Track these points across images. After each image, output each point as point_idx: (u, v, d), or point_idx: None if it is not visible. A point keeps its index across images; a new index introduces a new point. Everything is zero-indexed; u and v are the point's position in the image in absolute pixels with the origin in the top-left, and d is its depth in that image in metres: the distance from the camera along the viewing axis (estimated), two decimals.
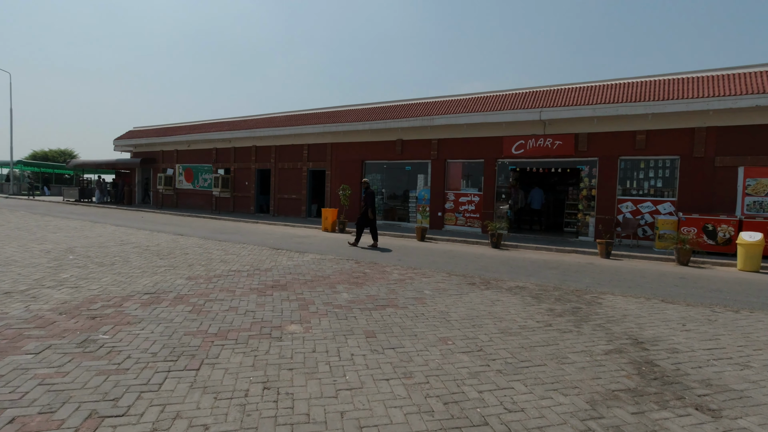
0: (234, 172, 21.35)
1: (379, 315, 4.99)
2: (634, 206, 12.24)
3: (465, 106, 14.66)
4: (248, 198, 20.85)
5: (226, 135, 20.66)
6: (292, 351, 3.80)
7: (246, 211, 20.86)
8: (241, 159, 21.01)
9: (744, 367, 3.81)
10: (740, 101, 10.48)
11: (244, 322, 4.55)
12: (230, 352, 3.73)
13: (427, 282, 6.84)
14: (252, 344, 3.92)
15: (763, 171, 10.72)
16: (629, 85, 12.56)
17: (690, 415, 2.94)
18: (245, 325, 4.43)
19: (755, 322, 5.14)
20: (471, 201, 14.80)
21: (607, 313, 5.37)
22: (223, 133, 20.81)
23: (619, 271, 8.61)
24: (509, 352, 3.96)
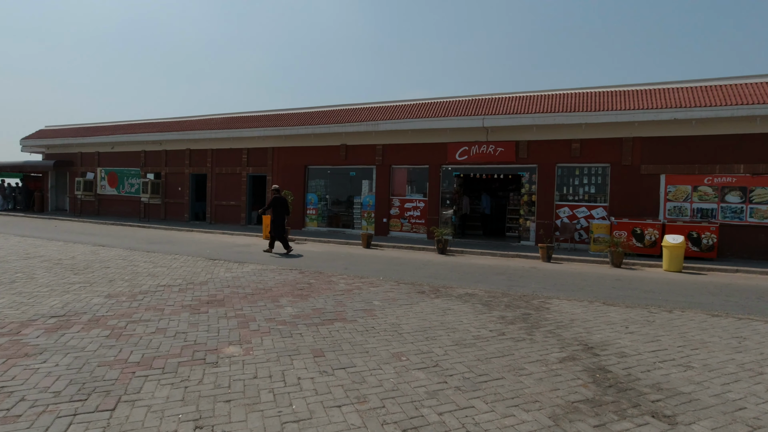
0: (166, 176, 19.89)
1: (326, 330, 4.64)
2: (570, 211, 12.82)
3: (410, 111, 14.67)
4: (182, 205, 19.50)
5: (157, 137, 19.21)
6: (230, 378, 3.36)
7: (179, 218, 19.49)
8: (173, 163, 19.63)
9: (687, 368, 3.91)
10: (661, 114, 11.32)
11: (173, 346, 4.01)
12: (155, 384, 3.22)
13: (376, 292, 6.58)
14: (182, 373, 3.43)
15: (681, 178, 11.65)
16: (566, 96, 13.19)
17: (648, 423, 2.90)
18: (174, 350, 3.90)
19: (688, 321, 5.40)
20: (416, 207, 14.80)
21: (555, 318, 5.40)
22: (153, 135, 19.32)
23: (561, 274, 8.88)
24: (466, 366, 3.79)
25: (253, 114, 18.56)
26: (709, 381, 3.62)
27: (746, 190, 11.10)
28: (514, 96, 14.01)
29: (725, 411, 3.09)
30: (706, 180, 11.40)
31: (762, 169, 10.94)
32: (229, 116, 19.01)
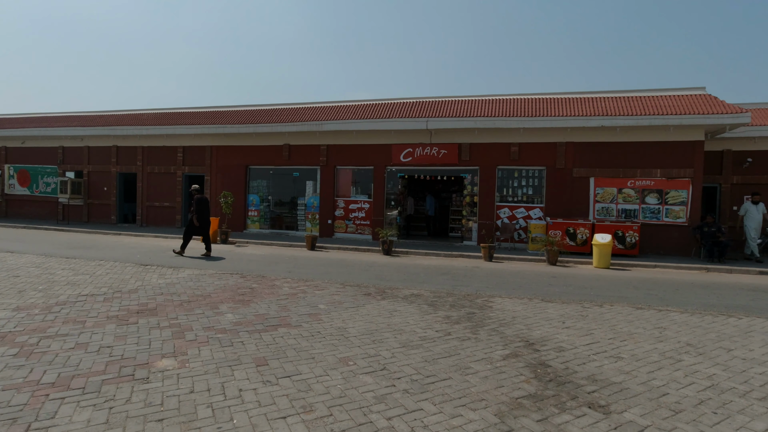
0: (88, 175, 18.29)
1: (270, 337, 4.44)
2: (510, 212, 13.37)
3: (354, 112, 14.60)
4: (108, 206, 18.03)
5: (78, 132, 17.59)
6: (162, 395, 3.09)
7: (105, 221, 18.01)
8: (98, 160, 18.09)
9: (617, 358, 4.16)
10: (590, 121, 12.12)
11: (96, 362, 3.64)
12: (74, 406, 2.89)
13: (321, 295, 6.44)
14: (107, 392, 3.11)
15: (607, 181, 12.55)
16: (505, 102, 13.75)
17: (586, 414, 3.04)
18: (98, 367, 3.54)
19: (617, 315, 5.78)
20: (361, 208, 14.75)
21: (498, 316, 5.56)
22: (73, 129, 17.66)
23: (503, 273, 9.21)
24: (413, 368, 3.77)
25: (189, 110, 17.59)
26: (636, 370, 3.87)
27: (662, 193, 12.17)
28: (456, 100, 14.39)
29: (651, 397, 3.31)
30: (629, 183, 12.36)
31: (675, 173, 12.04)
32: (162, 112, 17.87)
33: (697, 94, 12.63)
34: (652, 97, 12.76)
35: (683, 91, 12.90)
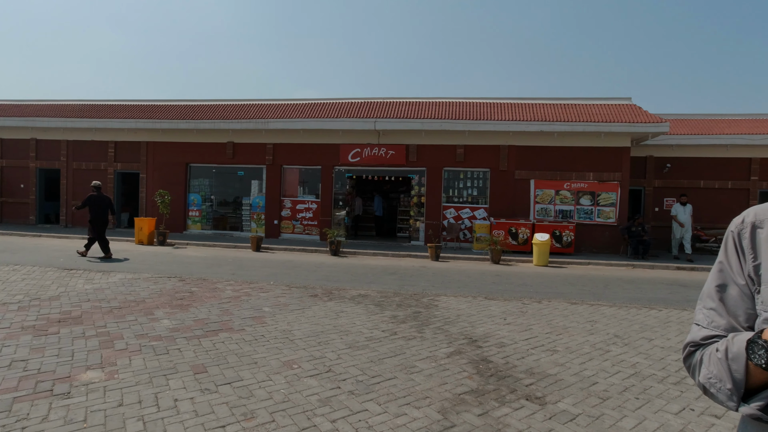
0: (2, 171, 16.59)
1: (210, 343, 4.25)
2: (456, 212, 13.73)
3: (302, 111, 14.35)
4: (26, 205, 16.45)
5: None
6: (86, 410, 2.85)
7: (23, 221, 16.42)
8: (13, 155, 16.42)
9: (553, 351, 4.38)
10: (530, 126, 12.73)
11: (6, 378, 3.30)
12: None
13: (266, 297, 6.25)
14: (19, 410, 2.82)
15: (546, 183, 13.23)
16: (452, 104, 14.10)
17: (523, 407, 3.16)
18: (9, 383, 3.21)
19: (553, 310, 6.09)
20: (308, 208, 14.53)
21: (443, 314, 5.67)
22: None
23: (449, 272, 9.42)
24: (359, 369, 3.75)
25: (121, 103, 16.47)
26: (570, 362, 4.09)
27: (595, 195, 13.02)
28: (404, 101, 14.57)
29: (582, 387, 3.52)
30: (566, 185, 13.11)
31: (606, 177, 12.93)
32: (90, 103, 16.61)
33: (624, 104, 13.64)
34: (585, 105, 13.62)
35: (612, 100, 13.88)
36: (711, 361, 0.86)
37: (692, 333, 0.93)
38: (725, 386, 0.82)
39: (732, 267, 0.88)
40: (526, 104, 13.87)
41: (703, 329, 0.92)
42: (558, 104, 13.81)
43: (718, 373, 0.84)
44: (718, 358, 0.84)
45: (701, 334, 0.91)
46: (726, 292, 0.88)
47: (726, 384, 0.82)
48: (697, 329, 0.93)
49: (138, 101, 16.44)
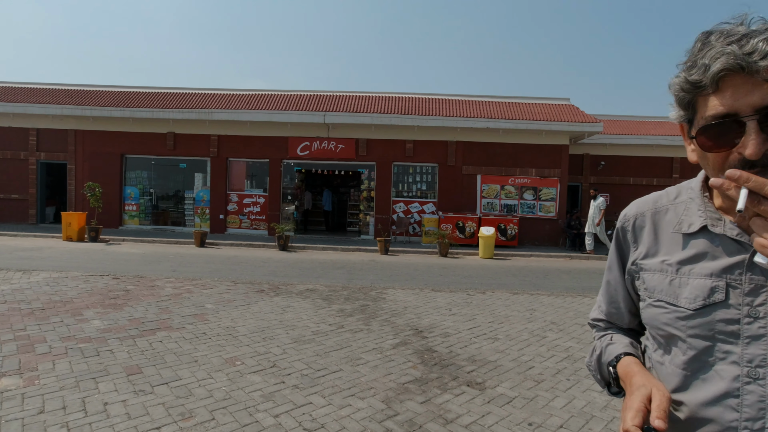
0: None
1: (146, 343, 4.04)
2: (405, 206, 13.90)
3: (248, 102, 13.90)
4: None
5: None
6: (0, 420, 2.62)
7: None
8: None
9: (494, 339, 4.57)
10: (477, 123, 13.11)
11: None
12: None
13: (209, 294, 6.03)
14: None
15: (492, 179, 13.70)
16: (401, 99, 14.21)
17: (464, 392, 3.28)
18: None
19: (496, 300, 6.34)
20: (256, 202, 14.14)
21: (390, 307, 5.74)
22: None
23: (397, 265, 9.53)
24: (305, 363, 3.72)
25: (44, 86, 15.13)
26: (509, 348, 4.28)
27: (537, 190, 13.66)
28: (354, 95, 14.50)
29: (520, 372, 3.70)
30: (510, 180, 13.64)
31: (547, 173, 13.59)
32: (7, 85, 15.12)
33: (563, 104, 14.39)
34: (527, 104, 14.22)
35: (552, 100, 14.59)
36: (592, 353, 0.99)
37: (591, 312, 1.07)
38: (597, 377, 0.97)
39: (612, 259, 0.97)
40: (473, 101, 14.27)
41: (595, 311, 1.05)
42: (503, 102, 14.33)
43: (594, 366, 0.97)
44: (595, 356, 0.97)
45: (592, 315, 1.05)
46: (608, 282, 0.99)
47: (597, 377, 0.97)
48: (593, 310, 1.06)
49: (65, 85, 15.18)
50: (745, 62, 0.63)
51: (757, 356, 0.68)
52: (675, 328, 0.78)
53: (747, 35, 0.65)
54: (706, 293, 0.74)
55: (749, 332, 0.69)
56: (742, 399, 0.69)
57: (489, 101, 14.36)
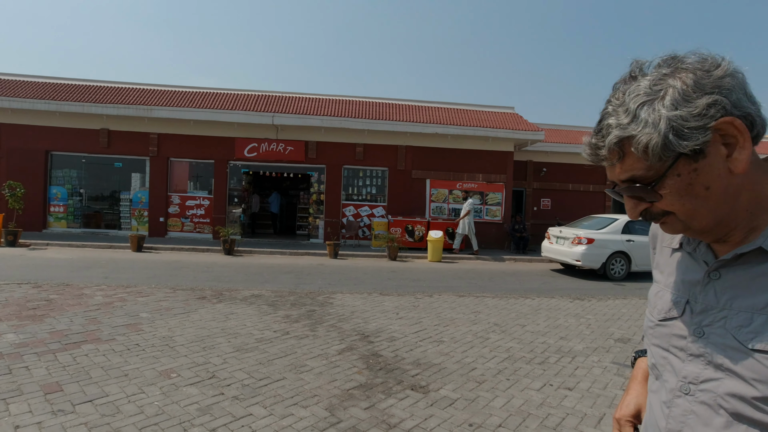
0: None
1: (69, 357, 3.72)
2: (355, 210, 13.86)
3: (192, 100, 13.31)
4: None
5: None
6: None
7: None
8: None
9: (439, 342, 4.64)
10: (426, 128, 13.35)
11: None
12: None
13: (145, 302, 5.68)
14: None
15: (441, 183, 14.00)
16: (352, 102, 14.19)
17: (408, 396, 3.30)
18: None
19: (443, 303, 6.46)
20: (200, 205, 13.54)
21: (338, 311, 5.68)
22: None
23: (346, 269, 9.47)
24: (246, 372, 3.59)
25: None
26: (453, 351, 4.37)
27: (483, 195, 14.11)
28: (304, 97, 14.31)
29: (462, 373, 3.78)
30: (458, 185, 14.00)
31: (493, 178, 14.08)
32: None
33: (508, 112, 15.00)
34: (475, 111, 14.69)
35: (498, 108, 15.18)
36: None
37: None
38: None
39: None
40: (423, 107, 14.54)
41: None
42: (451, 109, 14.70)
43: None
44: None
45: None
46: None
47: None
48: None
49: None
50: (595, 158, 0.72)
51: (691, 373, 0.72)
52: (648, 336, 0.84)
53: (600, 120, 0.71)
54: (668, 307, 0.79)
55: (691, 350, 0.73)
56: (671, 410, 0.74)
57: (438, 107, 14.69)
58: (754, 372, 0.64)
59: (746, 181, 0.67)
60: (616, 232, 9.55)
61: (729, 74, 0.64)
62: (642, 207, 0.72)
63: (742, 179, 0.66)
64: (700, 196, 0.66)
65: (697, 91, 0.63)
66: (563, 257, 9.87)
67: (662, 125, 0.63)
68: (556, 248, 10.10)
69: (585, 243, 9.38)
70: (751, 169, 0.67)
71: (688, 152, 0.63)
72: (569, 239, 9.75)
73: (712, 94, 0.63)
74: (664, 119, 0.63)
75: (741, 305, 0.68)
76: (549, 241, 10.50)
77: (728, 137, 0.64)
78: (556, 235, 10.24)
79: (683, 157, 0.64)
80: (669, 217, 0.71)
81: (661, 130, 0.63)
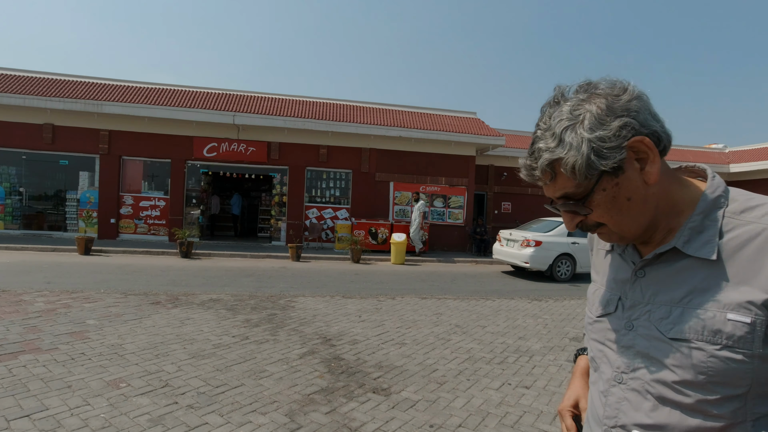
0: None
1: (4, 369, 3.45)
2: (318, 212, 13.72)
3: (148, 96, 12.75)
4: None
5: None
6: None
7: None
8: None
9: (401, 344, 4.65)
10: (390, 131, 13.42)
11: None
12: None
13: (92, 308, 5.37)
14: None
15: (404, 186, 14.09)
16: (315, 104, 14.05)
17: (370, 399, 3.28)
18: None
19: (405, 305, 6.48)
20: (156, 206, 12.98)
21: (300, 315, 5.58)
22: None
23: (309, 272, 9.34)
24: (202, 380, 3.45)
25: None
26: (415, 353, 4.39)
27: (446, 198, 14.33)
28: (266, 96, 14.03)
29: (424, 375, 3.80)
30: (422, 188, 14.14)
31: (455, 181, 14.33)
32: None
33: (471, 117, 15.33)
34: (438, 116, 14.91)
35: (461, 113, 15.47)
36: None
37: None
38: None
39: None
40: (387, 110, 14.60)
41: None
42: (415, 112, 14.85)
43: None
44: None
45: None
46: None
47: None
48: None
49: None
50: (531, 178, 0.79)
51: (623, 364, 0.79)
52: (587, 332, 0.91)
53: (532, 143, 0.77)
54: (604, 304, 0.86)
55: (623, 342, 0.80)
56: (607, 399, 0.81)
57: (402, 111, 14.80)
58: (672, 359, 0.72)
59: (660, 189, 0.75)
60: (562, 235, 9.88)
61: (635, 97, 0.72)
62: (578, 219, 0.78)
63: (656, 188, 0.74)
64: (623, 206, 0.74)
65: (610, 115, 0.70)
66: (513, 259, 10.11)
67: (584, 147, 0.70)
68: (507, 250, 10.35)
69: (533, 245, 9.62)
70: (663, 179, 0.75)
71: (609, 169, 0.71)
72: (518, 242, 9.99)
73: (623, 116, 0.70)
74: (585, 142, 0.70)
75: (662, 299, 0.75)
76: (500, 243, 10.74)
77: (640, 153, 0.72)
78: (507, 238, 10.50)
79: (606, 174, 0.71)
80: (603, 228, 0.78)
81: (583, 152, 0.70)
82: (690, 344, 0.70)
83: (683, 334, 0.71)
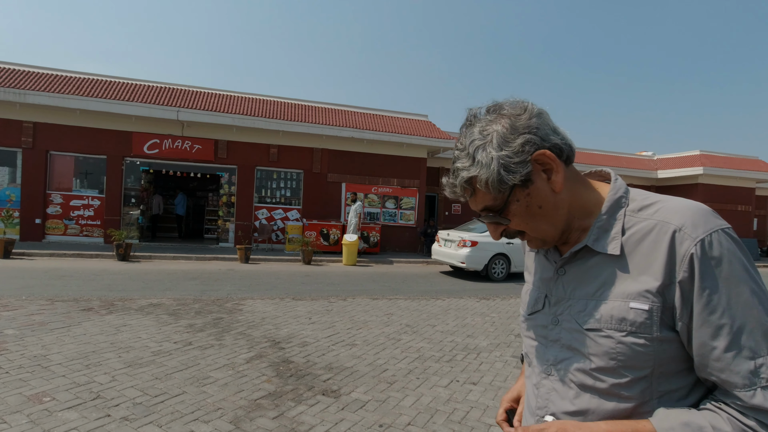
0: None
1: None
2: (268, 213, 13.36)
3: (79, 86, 11.85)
4: None
5: None
6: None
7: None
8: None
9: (352, 345, 4.62)
10: (342, 132, 13.34)
11: None
12: None
13: (12, 317, 4.90)
14: None
15: (356, 187, 14.05)
16: (265, 102, 13.68)
17: (319, 402, 3.22)
18: None
19: (356, 306, 6.46)
20: (89, 205, 12.09)
21: (247, 318, 5.40)
22: None
23: (258, 274, 9.07)
24: (139, 390, 3.24)
25: None
26: (366, 353, 4.37)
27: (398, 199, 14.45)
28: (214, 93, 13.51)
29: (374, 375, 3.79)
30: (374, 189, 14.17)
31: (407, 183, 14.49)
32: None
33: (422, 120, 15.57)
34: (390, 117, 15.02)
35: (412, 116, 15.67)
36: None
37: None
38: None
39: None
40: (340, 110, 14.51)
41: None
42: (368, 114, 14.87)
43: None
44: None
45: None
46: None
47: None
48: None
49: None
50: (454, 195, 0.85)
51: (552, 357, 0.85)
52: (522, 329, 0.96)
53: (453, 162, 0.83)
54: (534, 302, 0.91)
55: (551, 337, 0.85)
56: (539, 391, 0.87)
57: (355, 111, 14.76)
58: (589, 348, 0.77)
59: (569, 194, 0.82)
60: None
61: (535, 115, 0.79)
62: (500, 229, 0.85)
63: (565, 194, 0.81)
64: (537, 214, 0.81)
65: (514, 133, 0.77)
66: (450, 259, 10.26)
67: (494, 165, 0.77)
68: (444, 251, 10.53)
69: (469, 246, 9.80)
70: (570, 185, 0.82)
71: (519, 182, 0.78)
72: (455, 242, 10.16)
73: (525, 134, 0.77)
74: (495, 159, 0.77)
75: (580, 294, 0.82)
76: (438, 244, 10.93)
77: (545, 165, 0.78)
78: (445, 238, 10.70)
79: (517, 186, 0.78)
80: (525, 234, 0.85)
81: (494, 169, 0.77)
82: (601, 333, 0.76)
83: (596, 324, 0.77)
